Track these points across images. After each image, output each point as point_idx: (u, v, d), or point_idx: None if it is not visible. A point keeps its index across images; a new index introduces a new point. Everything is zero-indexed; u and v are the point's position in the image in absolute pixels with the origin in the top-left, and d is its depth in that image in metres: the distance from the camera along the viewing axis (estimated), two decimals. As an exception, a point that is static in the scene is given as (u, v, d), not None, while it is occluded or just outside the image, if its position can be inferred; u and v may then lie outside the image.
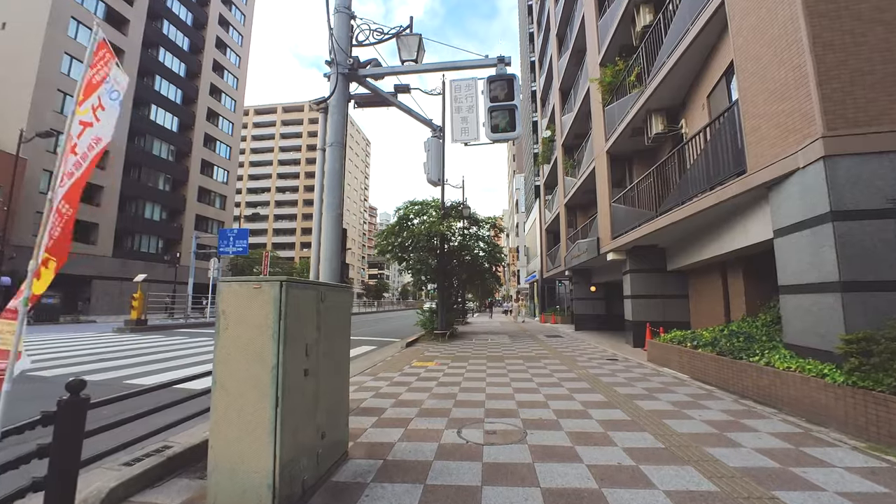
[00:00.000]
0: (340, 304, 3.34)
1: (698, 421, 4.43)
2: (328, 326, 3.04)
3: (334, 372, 3.16)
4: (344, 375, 3.48)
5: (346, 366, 3.55)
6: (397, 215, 15.20)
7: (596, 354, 10.13)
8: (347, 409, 3.56)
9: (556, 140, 20.67)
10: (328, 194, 4.21)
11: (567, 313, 24.54)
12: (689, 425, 4.28)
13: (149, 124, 37.09)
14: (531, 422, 4.44)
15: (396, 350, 11.18)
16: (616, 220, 11.71)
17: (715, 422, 4.39)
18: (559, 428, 4.22)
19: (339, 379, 3.31)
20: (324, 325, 2.96)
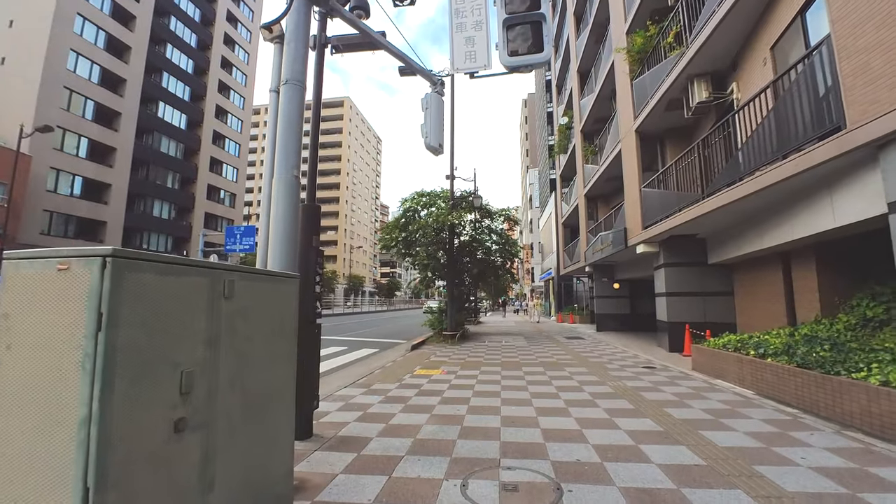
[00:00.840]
0: (268, 303, 2.09)
1: (806, 469, 3.12)
2: (240, 340, 1.82)
3: (252, 417, 1.91)
4: (275, 421, 2.17)
5: (280, 404, 2.24)
6: (403, 207, 14.02)
7: (627, 361, 8.77)
8: (287, 472, 2.30)
9: (574, 127, 19.23)
10: (280, 151, 3.03)
11: (586, 312, 23.09)
12: (798, 476, 2.97)
13: (157, 121, 36.69)
14: (566, 467, 3.18)
15: (399, 354, 10.00)
16: (647, 207, 10.31)
17: (833, 471, 3.07)
18: (608, 480, 2.95)
19: (263, 429, 2.05)
20: (229, 338, 1.75)
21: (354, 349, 11.07)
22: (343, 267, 71.05)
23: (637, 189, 10.82)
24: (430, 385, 6.34)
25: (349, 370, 7.87)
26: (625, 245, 11.60)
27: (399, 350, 10.88)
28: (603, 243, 13.69)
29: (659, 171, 10.44)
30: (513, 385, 6.31)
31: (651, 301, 16.61)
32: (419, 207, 14.06)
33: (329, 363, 8.69)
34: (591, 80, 16.46)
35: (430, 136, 4.48)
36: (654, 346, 11.22)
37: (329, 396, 5.59)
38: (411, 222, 13.48)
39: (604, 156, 14.42)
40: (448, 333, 12.79)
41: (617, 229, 12.49)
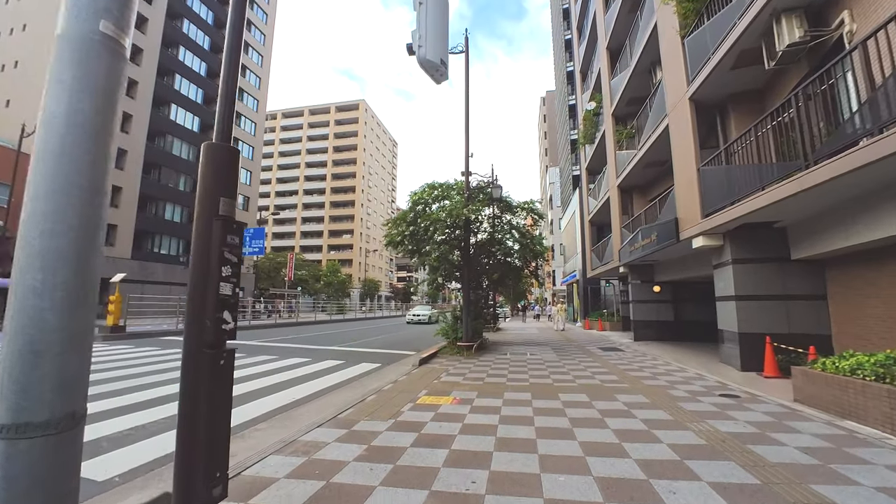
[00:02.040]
0: None
1: None
2: None
3: None
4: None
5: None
6: (412, 199, 12.33)
7: (694, 384, 6.81)
8: None
9: (604, 112, 17.26)
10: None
11: (617, 318, 20.93)
12: None
13: (169, 124, 36.24)
14: None
15: (404, 371, 8.26)
16: (708, 191, 8.33)
17: None
18: None
19: None
20: None
21: (353, 363, 9.39)
22: (359, 271, 70.02)
23: (693, 169, 8.84)
24: (436, 424, 4.57)
25: (334, 396, 6.16)
26: (675, 239, 9.61)
27: (405, 365, 9.14)
28: (644, 238, 11.69)
29: (721, 147, 8.45)
30: (551, 426, 4.47)
31: (700, 306, 14.56)
32: (430, 200, 12.33)
33: (313, 385, 7.01)
34: (624, 54, 14.51)
35: (426, 44, 2.78)
36: (715, 361, 9.17)
37: (288, 445, 3.88)
38: (420, 216, 11.76)
39: (643, 138, 12.44)
40: (463, 344, 10.99)
41: (663, 221, 10.50)
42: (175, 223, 36.58)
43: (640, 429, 4.36)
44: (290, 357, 10.16)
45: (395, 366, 9.18)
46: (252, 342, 13.49)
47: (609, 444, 3.89)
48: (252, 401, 5.77)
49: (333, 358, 10.15)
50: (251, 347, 12.05)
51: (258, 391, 6.36)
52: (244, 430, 4.45)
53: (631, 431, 4.27)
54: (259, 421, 4.87)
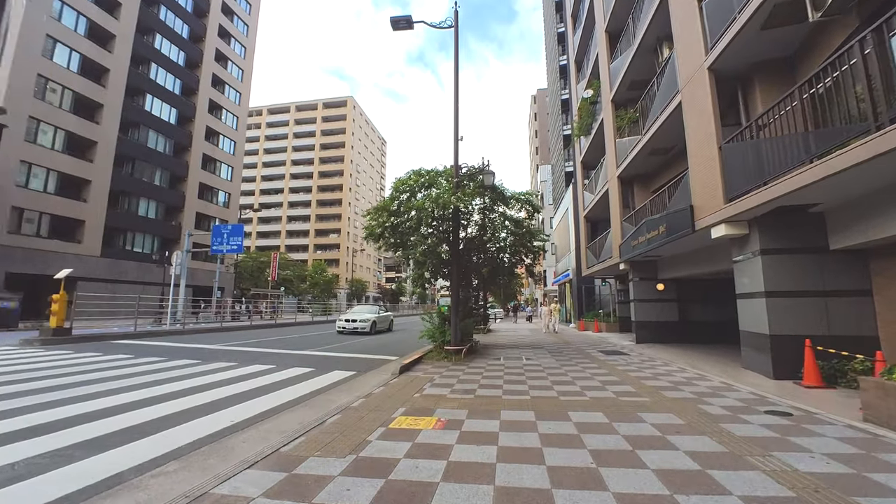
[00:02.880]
0: None
1: None
2: None
3: None
4: None
5: None
6: (395, 187, 11.09)
7: (727, 397, 5.69)
8: None
9: (602, 99, 16.22)
10: None
11: (613, 319, 19.93)
12: None
13: (143, 115, 34.39)
14: None
15: (382, 380, 7.01)
16: (733, 171, 7.25)
17: None
18: None
19: None
20: None
21: (323, 371, 8.11)
22: (346, 271, 68.37)
23: (713, 149, 7.76)
24: (411, 463, 3.35)
25: (287, 417, 4.89)
26: (690, 229, 8.53)
27: (383, 373, 7.89)
28: (650, 231, 10.62)
29: (745, 124, 7.39)
30: (570, 465, 3.28)
31: (707, 305, 13.43)
32: (416, 188, 11.09)
33: (267, 400, 5.73)
34: (626, 34, 13.47)
35: None
36: (736, 367, 8.10)
37: (191, 502, 2.64)
38: (404, 205, 10.53)
39: (648, 121, 11.39)
40: (451, 348, 9.78)
41: (675, 210, 9.42)
42: (150, 219, 34.73)
43: (691, 468, 3.19)
44: (254, 363, 8.84)
45: (372, 374, 7.92)
46: (216, 346, 12.10)
47: (658, 499, 2.71)
48: (180, 423, 4.49)
49: (303, 365, 8.85)
50: (213, 352, 10.68)
51: (193, 410, 5.06)
52: (143, 475, 3.18)
53: (680, 474, 3.09)
54: (175, 456, 3.59)
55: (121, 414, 4.81)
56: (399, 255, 10.88)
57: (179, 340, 13.57)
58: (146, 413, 4.86)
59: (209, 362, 8.85)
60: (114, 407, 5.11)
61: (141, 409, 5.05)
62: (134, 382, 6.61)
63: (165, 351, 10.66)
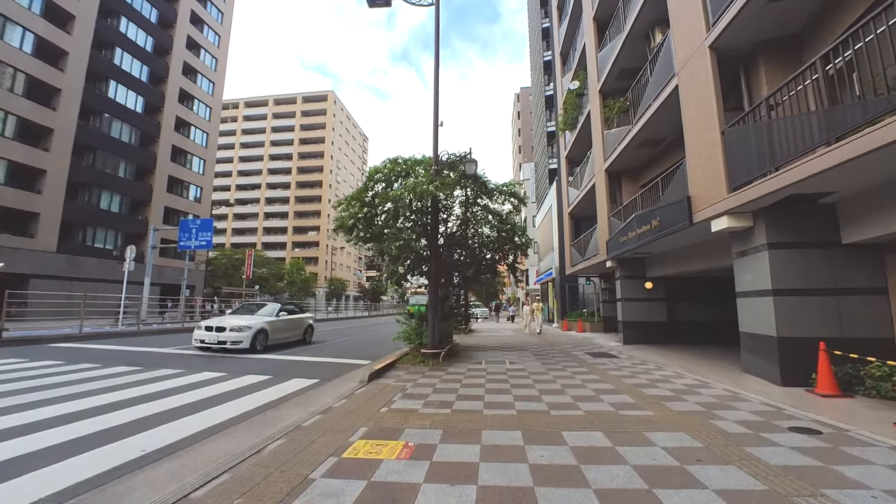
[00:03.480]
0: None
1: None
2: None
3: None
4: None
5: None
6: (368, 175, 10.14)
7: (737, 407, 5.00)
8: None
9: (589, 90, 15.61)
10: None
11: (598, 319, 19.40)
12: None
13: (107, 102, 32.36)
14: None
15: (346, 390, 6.10)
16: (737, 158, 6.60)
17: None
18: None
19: None
20: None
21: (282, 379, 7.14)
22: (325, 269, 66.71)
23: (714, 134, 7.12)
24: (362, 515, 2.49)
25: (218, 443, 3.94)
26: (688, 222, 7.88)
27: (350, 381, 6.97)
28: (642, 226, 9.98)
29: (751, 106, 6.76)
30: (571, 515, 2.47)
31: (696, 305, 12.83)
32: (393, 177, 10.17)
33: (202, 418, 4.75)
34: (615, 21, 12.85)
35: None
36: (736, 371, 7.49)
37: None
38: (379, 195, 9.59)
39: (639, 110, 10.75)
40: (429, 352, 8.92)
41: (669, 202, 8.78)
42: (113, 213, 32.72)
43: (732, 521, 2.42)
44: (204, 370, 7.79)
45: (337, 382, 6.99)
46: (169, 349, 10.93)
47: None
48: (74, 454, 3.50)
49: (260, 371, 7.85)
50: (162, 357, 9.55)
51: (102, 434, 4.06)
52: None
53: (720, 530, 2.32)
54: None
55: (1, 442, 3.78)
56: (371, 249, 9.90)
57: (129, 343, 12.32)
58: (35, 440, 3.84)
59: (151, 369, 7.76)
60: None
61: (34, 433, 4.03)
62: (45, 396, 5.52)
63: (105, 356, 9.47)
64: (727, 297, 12.57)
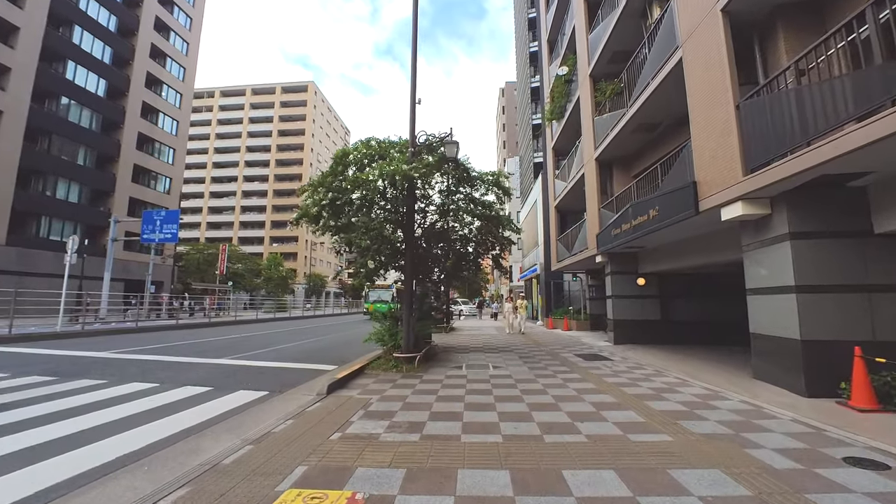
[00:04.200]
0: None
1: None
2: None
3: None
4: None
5: None
6: (335, 157, 9.00)
7: (769, 428, 4.13)
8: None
9: (578, 76, 14.74)
10: None
11: (585, 317, 18.69)
12: None
13: (64, 84, 30.11)
14: None
15: (297, 407, 5.02)
16: (755, 135, 5.75)
17: None
18: None
19: None
20: None
21: (224, 391, 6.00)
22: (304, 265, 64.82)
23: (727, 109, 6.25)
24: None
25: (90, 496, 2.84)
26: (693, 210, 7.03)
27: (305, 392, 5.89)
28: (638, 216, 9.13)
29: (772, 76, 5.91)
30: None
31: (690, 302, 11.98)
32: (365, 161, 9.05)
33: (87, 456, 3.62)
34: None
35: None
36: (745, 377, 6.69)
37: None
38: (347, 180, 8.45)
39: (635, 91, 9.89)
40: (403, 356, 7.88)
41: (672, 189, 7.92)
42: (71, 203, 30.54)
43: None
44: (134, 380, 6.58)
45: (290, 394, 5.90)
46: (105, 353, 9.60)
47: None
48: None
49: (201, 381, 6.68)
50: (90, 363, 8.26)
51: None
52: None
53: None
54: None
55: None
56: (339, 240, 8.77)
57: (66, 346, 10.91)
58: None
59: (68, 380, 6.50)
60: None
61: None
62: None
63: (22, 362, 8.12)
64: (725, 295, 11.96)
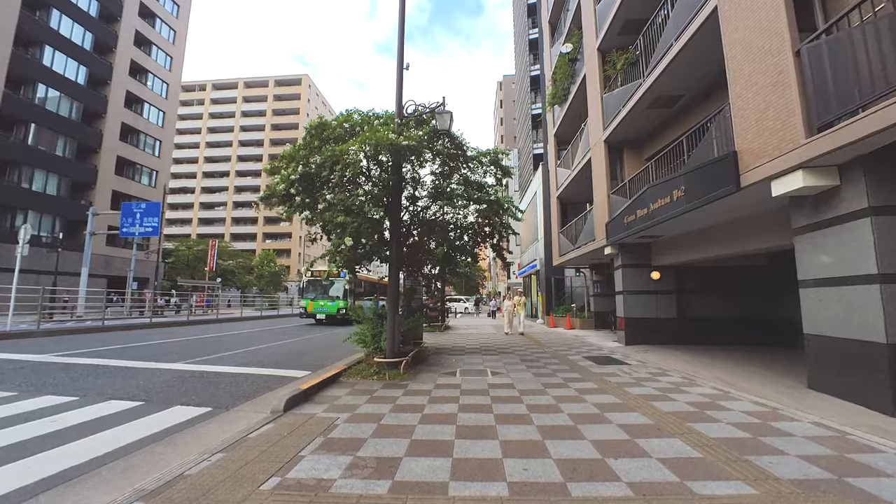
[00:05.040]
0: None
1: None
2: None
3: None
4: None
5: None
6: (309, 128, 7.75)
7: (880, 468, 2.96)
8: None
9: (585, 52, 13.52)
10: None
11: (588, 314, 17.54)
12: None
13: (41, 70, 28.65)
14: None
15: (237, 432, 3.80)
16: (821, 86, 4.56)
17: None
18: None
19: None
20: None
21: (157, 407, 4.79)
22: (298, 262, 63.45)
23: (784, 57, 5.06)
24: None
25: None
26: (733, 185, 5.84)
27: (256, 409, 4.68)
28: (657, 199, 7.94)
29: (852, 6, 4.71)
30: None
31: (710, 298, 10.78)
32: (345, 135, 7.79)
33: None
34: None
35: None
36: (796, 385, 5.53)
37: None
38: (322, 153, 7.18)
39: (654, 57, 8.68)
40: (386, 361, 6.67)
41: (703, 163, 6.72)
42: (49, 196, 29.11)
43: None
44: (49, 392, 5.35)
45: (236, 412, 4.68)
46: (40, 357, 8.32)
47: None
48: None
49: (133, 394, 5.44)
50: (12, 370, 7.00)
51: None
52: None
53: None
54: None
55: None
56: (313, 220, 7.47)
57: (7, 349, 9.64)
58: None
59: (-33, 392, 5.26)
60: None
61: None
62: None
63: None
64: (749, 289, 10.85)
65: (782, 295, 10.19)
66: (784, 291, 10.20)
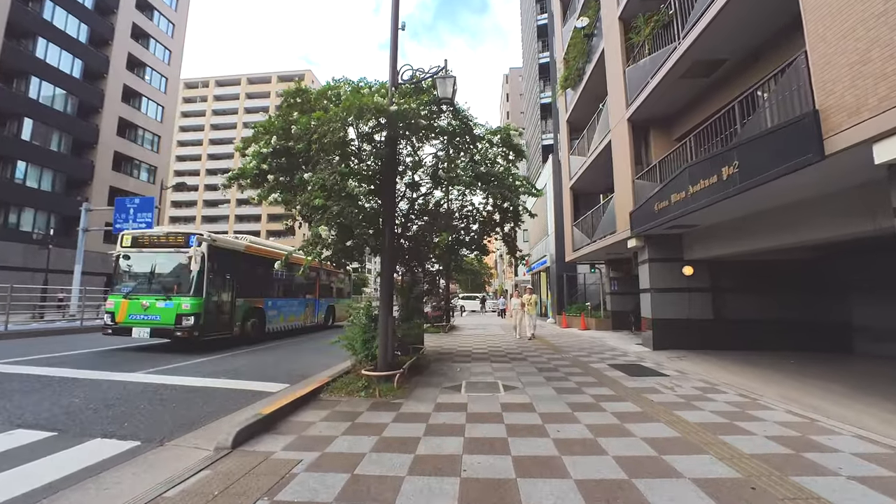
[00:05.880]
0: None
1: None
2: None
3: None
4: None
5: None
6: (285, 96, 6.60)
7: None
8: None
9: (604, 24, 12.21)
10: None
11: (605, 314, 16.26)
12: None
13: (34, 63, 27.82)
14: None
15: (155, 485, 2.65)
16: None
17: None
18: None
19: None
20: None
21: (71, 440, 3.67)
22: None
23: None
24: None
25: None
26: (817, 153, 4.58)
27: (198, 445, 3.54)
28: (699, 180, 6.66)
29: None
30: None
31: (752, 297, 9.38)
32: (331, 104, 6.59)
33: None
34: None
35: None
36: (890, 404, 4.29)
37: None
38: (299, 123, 5.98)
39: (692, 16, 7.39)
40: (375, 374, 5.50)
41: (767, 131, 5.45)
42: (43, 192, 28.33)
43: None
44: (-45, 415, 4.25)
45: (169, 448, 3.52)
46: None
47: None
48: None
49: (52, 418, 4.32)
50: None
51: None
52: None
53: None
54: None
55: None
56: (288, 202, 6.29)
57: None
58: None
59: None
60: None
61: None
62: None
63: None
64: (794, 287, 9.51)
65: (837, 294, 8.88)
66: (839, 289, 8.89)
